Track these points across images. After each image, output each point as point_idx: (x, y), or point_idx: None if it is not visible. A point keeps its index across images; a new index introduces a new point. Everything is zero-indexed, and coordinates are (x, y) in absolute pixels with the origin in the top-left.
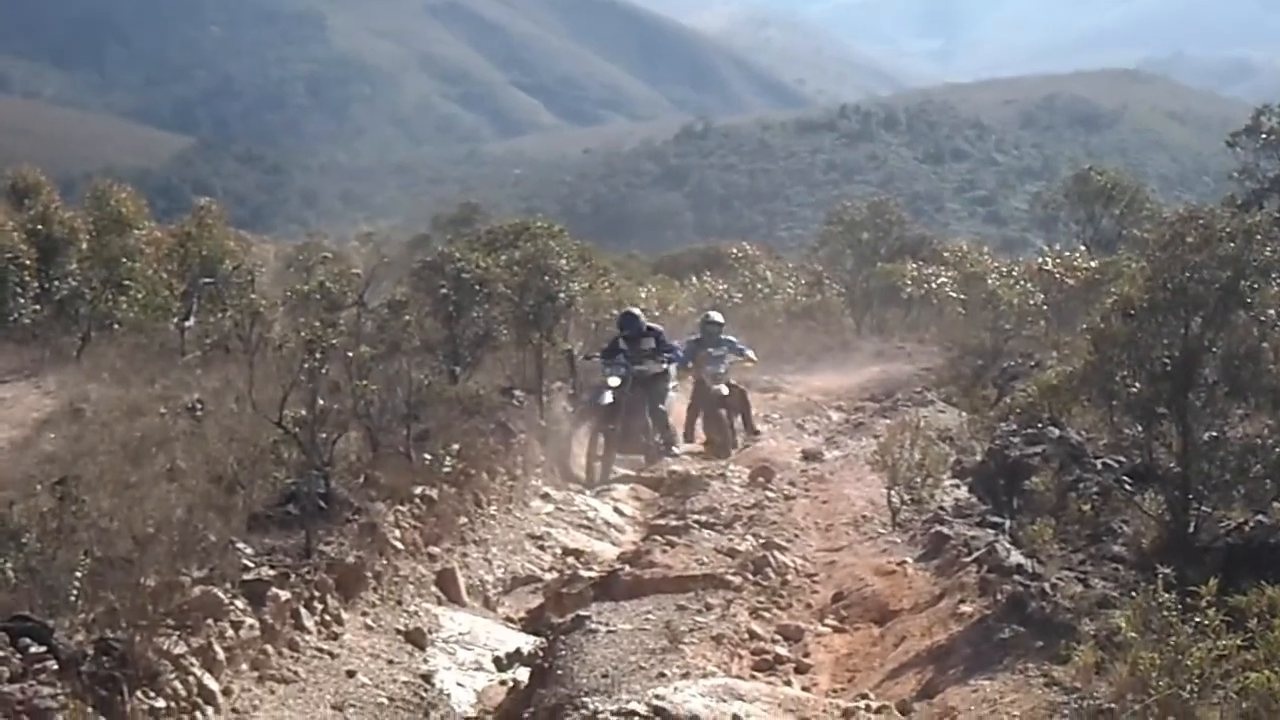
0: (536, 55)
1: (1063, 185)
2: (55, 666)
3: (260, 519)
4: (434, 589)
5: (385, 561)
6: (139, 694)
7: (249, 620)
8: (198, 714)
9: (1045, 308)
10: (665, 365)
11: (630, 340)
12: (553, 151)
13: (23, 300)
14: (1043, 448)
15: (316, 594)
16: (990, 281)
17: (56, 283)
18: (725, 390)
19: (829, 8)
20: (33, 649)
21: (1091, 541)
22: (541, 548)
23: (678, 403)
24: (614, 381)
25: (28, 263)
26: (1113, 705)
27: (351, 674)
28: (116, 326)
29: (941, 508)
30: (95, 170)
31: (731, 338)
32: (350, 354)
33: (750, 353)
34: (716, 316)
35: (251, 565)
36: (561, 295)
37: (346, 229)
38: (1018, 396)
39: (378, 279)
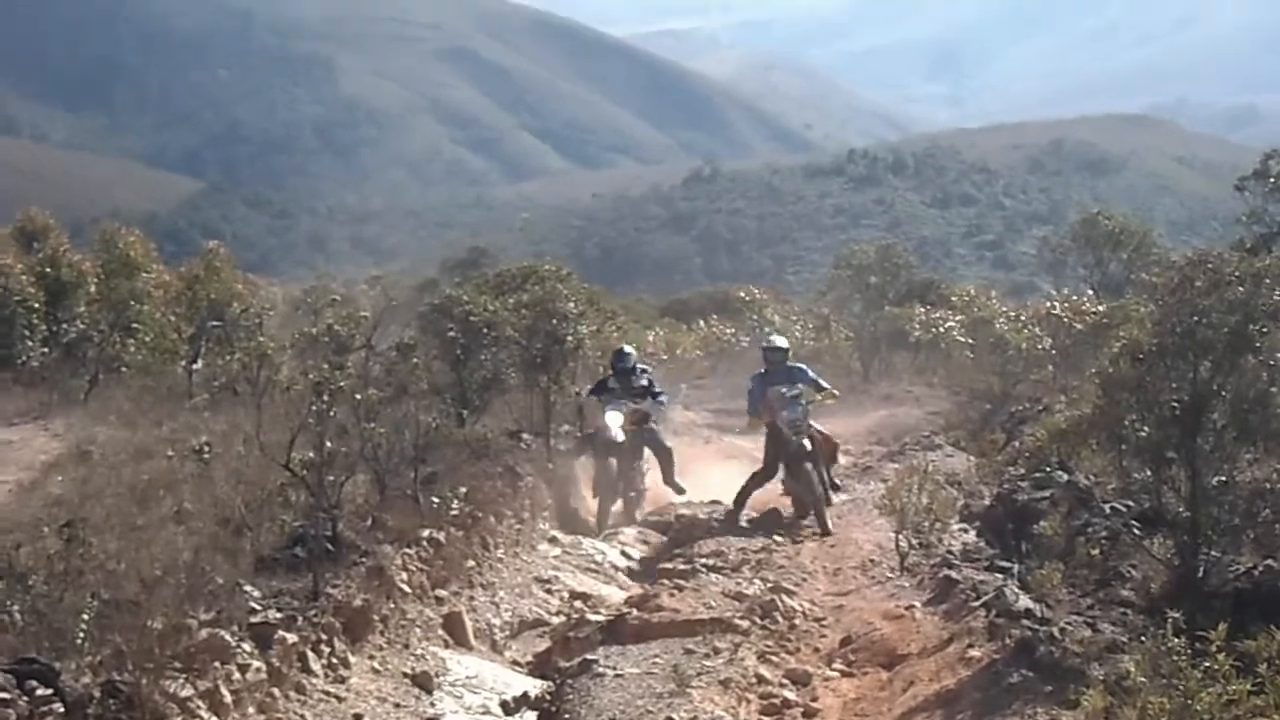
0: (544, 99)
1: (1070, 230)
2: (62, 709)
3: (267, 562)
4: (441, 632)
5: (392, 604)
6: None
7: (256, 663)
8: None
9: (1053, 352)
10: (655, 403)
11: (621, 377)
12: (561, 195)
13: (31, 343)
14: (1051, 492)
15: (323, 637)
16: (998, 326)
17: (65, 325)
18: (807, 442)
19: (836, 53)
20: (39, 691)
21: (1100, 586)
22: (549, 591)
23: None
24: (616, 419)
25: (36, 305)
26: None
27: (358, 717)
28: (124, 369)
29: (950, 552)
30: (103, 213)
31: (802, 365)
32: (358, 397)
33: (828, 386)
34: (779, 341)
35: (258, 608)
36: (569, 338)
37: (355, 272)
38: (1026, 441)
39: (386, 322)
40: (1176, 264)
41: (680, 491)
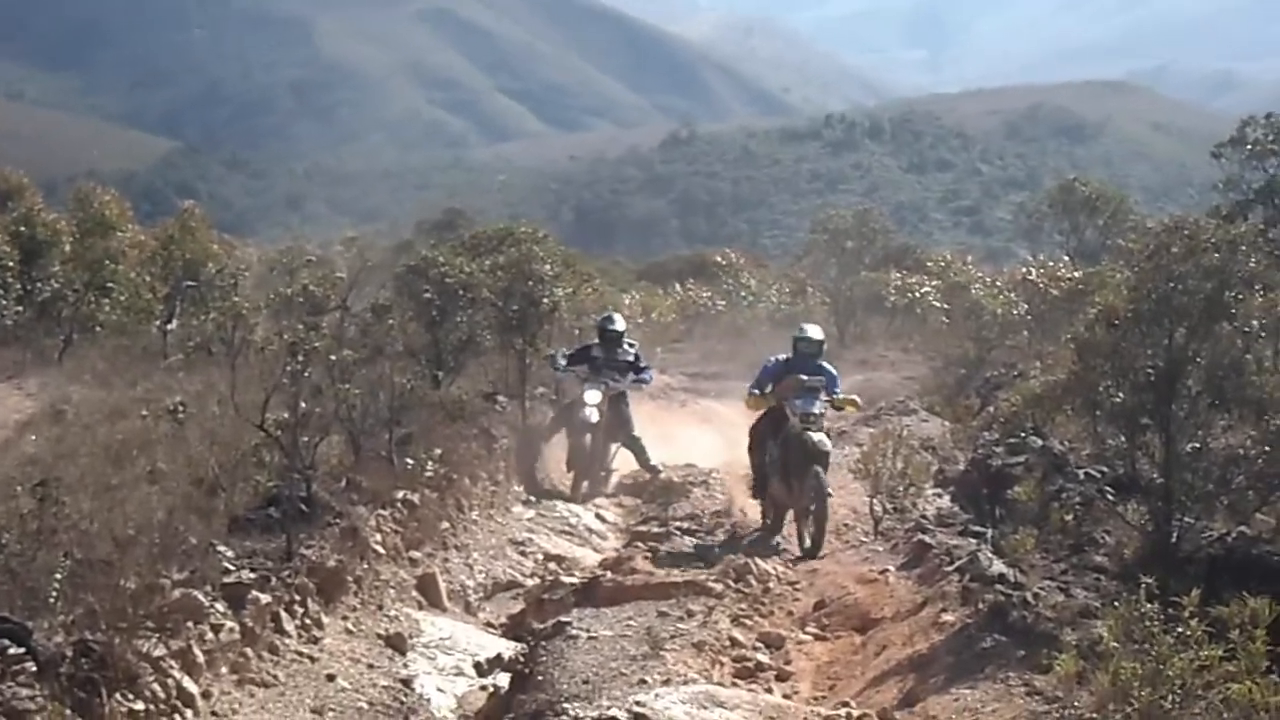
0: (523, 61)
1: (1047, 195)
2: (34, 668)
3: (241, 522)
4: (415, 594)
5: (366, 566)
6: (118, 696)
7: (229, 623)
8: (177, 717)
9: (1029, 318)
10: (634, 381)
11: (607, 345)
12: (538, 157)
13: (5, 302)
14: (1025, 457)
15: (297, 598)
16: (974, 291)
17: (39, 285)
18: (826, 441)
19: (816, 17)
20: (11, 650)
21: (1074, 551)
22: (523, 553)
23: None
24: (594, 398)
25: (10, 264)
26: (1094, 715)
27: (331, 678)
28: (99, 329)
29: (924, 517)
30: (79, 173)
31: (833, 370)
32: (333, 358)
33: (851, 396)
34: (814, 332)
35: (232, 568)
36: (545, 301)
37: (331, 233)
38: (1001, 406)
39: (361, 283)
40: (1153, 230)
41: (656, 473)
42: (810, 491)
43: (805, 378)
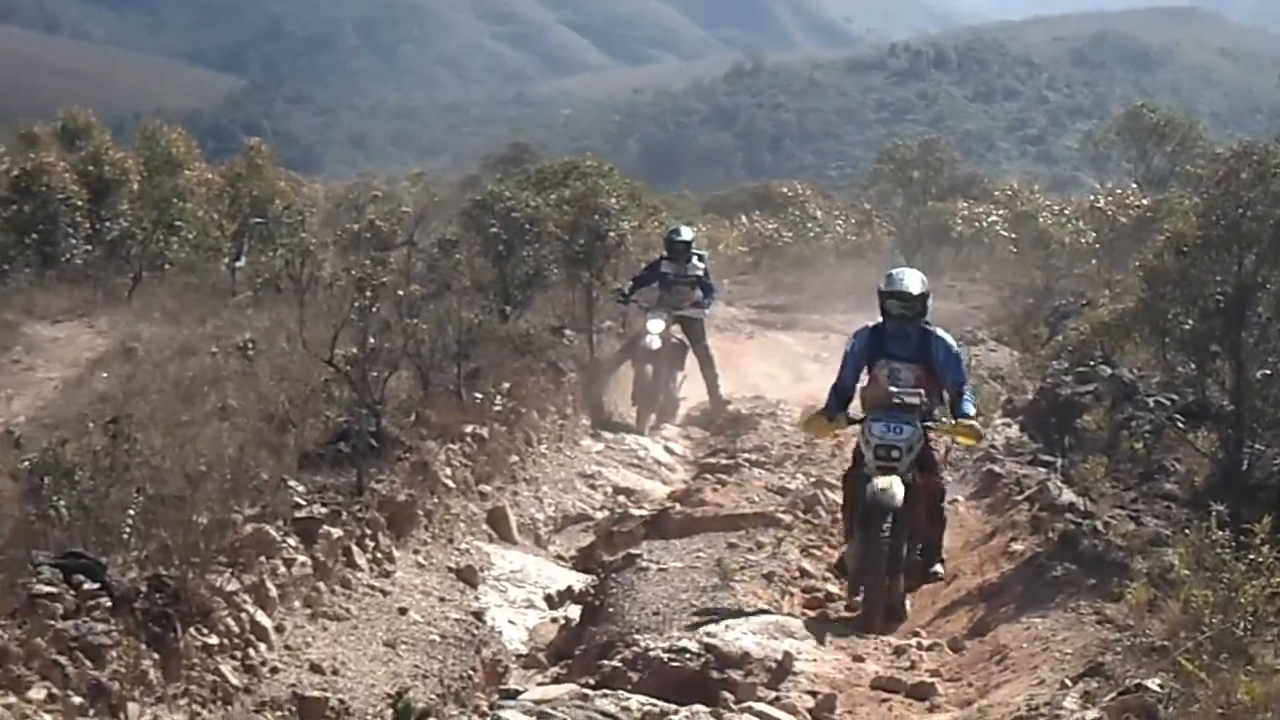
0: None
1: (1114, 123)
2: (109, 603)
3: (312, 457)
4: (485, 527)
5: (436, 500)
6: (192, 630)
7: (301, 558)
8: (250, 650)
9: (1097, 246)
10: (695, 306)
11: (675, 259)
12: (602, 91)
13: (75, 241)
14: (1094, 386)
15: (368, 532)
16: (1041, 220)
17: (108, 223)
18: (896, 490)
19: None
20: (86, 586)
21: (1144, 479)
22: (592, 486)
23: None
24: (657, 326)
25: (79, 203)
26: (1165, 642)
27: (403, 611)
28: (168, 266)
29: (993, 446)
30: (146, 111)
31: (947, 339)
32: (401, 293)
33: (969, 422)
34: (912, 283)
35: (303, 503)
36: (611, 234)
37: (396, 169)
38: (1069, 335)
39: (428, 219)
40: (1221, 156)
41: (725, 405)
42: (870, 557)
43: (898, 369)
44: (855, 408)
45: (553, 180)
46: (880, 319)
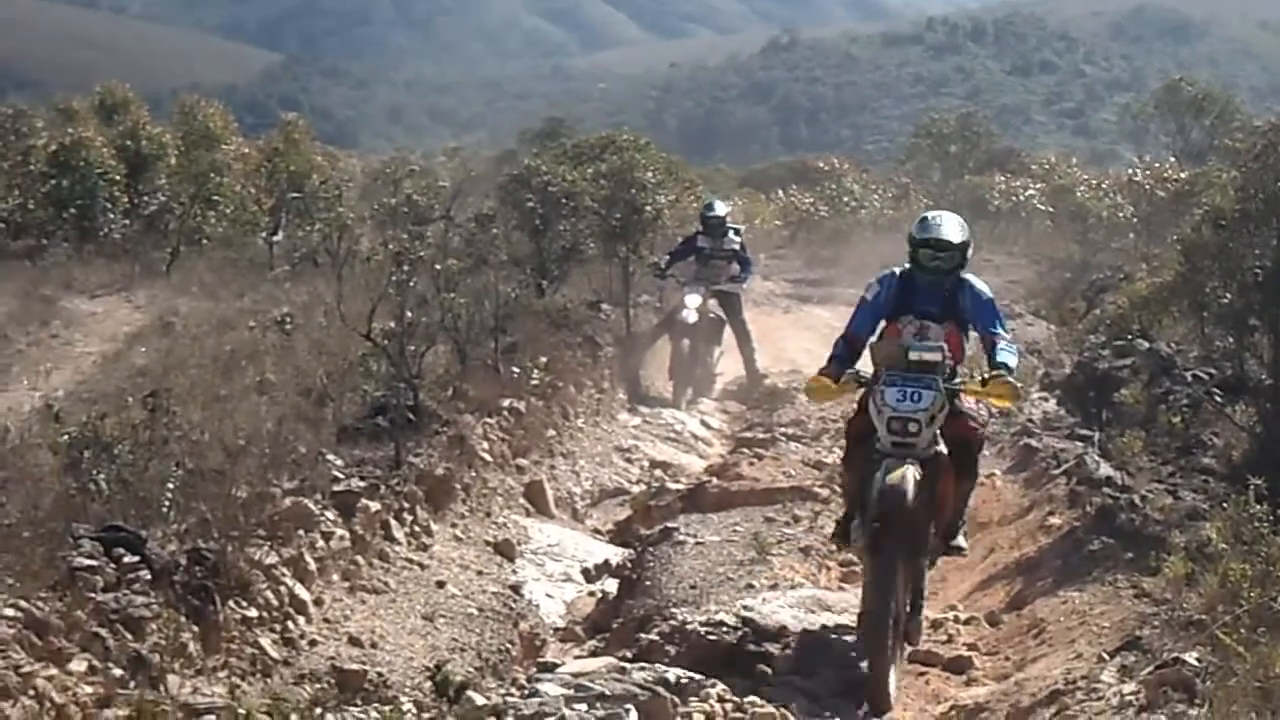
0: None
1: (1152, 96)
2: (148, 576)
3: (349, 431)
4: (522, 501)
5: (474, 473)
6: (231, 603)
7: (339, 531)
8: (289, 623)
9: (1135, 220)
10: (731, 280)
11: (711, 234)
12: (638, 65)
13: (113, 215)
14: (1132, 360)
15: (406, 505)
16: (1079, 194)
17: (146, 198)
18: (909, 480)
19: None
20: (126, 559)
21: (1181, 454)
22: (629, 460)
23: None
24: (694, 300)
25: (117, 178)
26: (1203, 616)
27: (441, 584)
28: (205, 241)
29: (1030, 420)
30: (183, 86)
31: (983, 288)
32: (438, 267)
33: (1003, 375)
34: (950, 230)
35: (341, 477)
36: (648, 208)
37: (433, 144)
38: (1107, 309)
39: (464, 193)
40: (1260, 129)
41: (761, 379)
42: (879, 576)
43: (928, 328)
44: (865, 366)
45: (589, 154)
46: (899, 271)
